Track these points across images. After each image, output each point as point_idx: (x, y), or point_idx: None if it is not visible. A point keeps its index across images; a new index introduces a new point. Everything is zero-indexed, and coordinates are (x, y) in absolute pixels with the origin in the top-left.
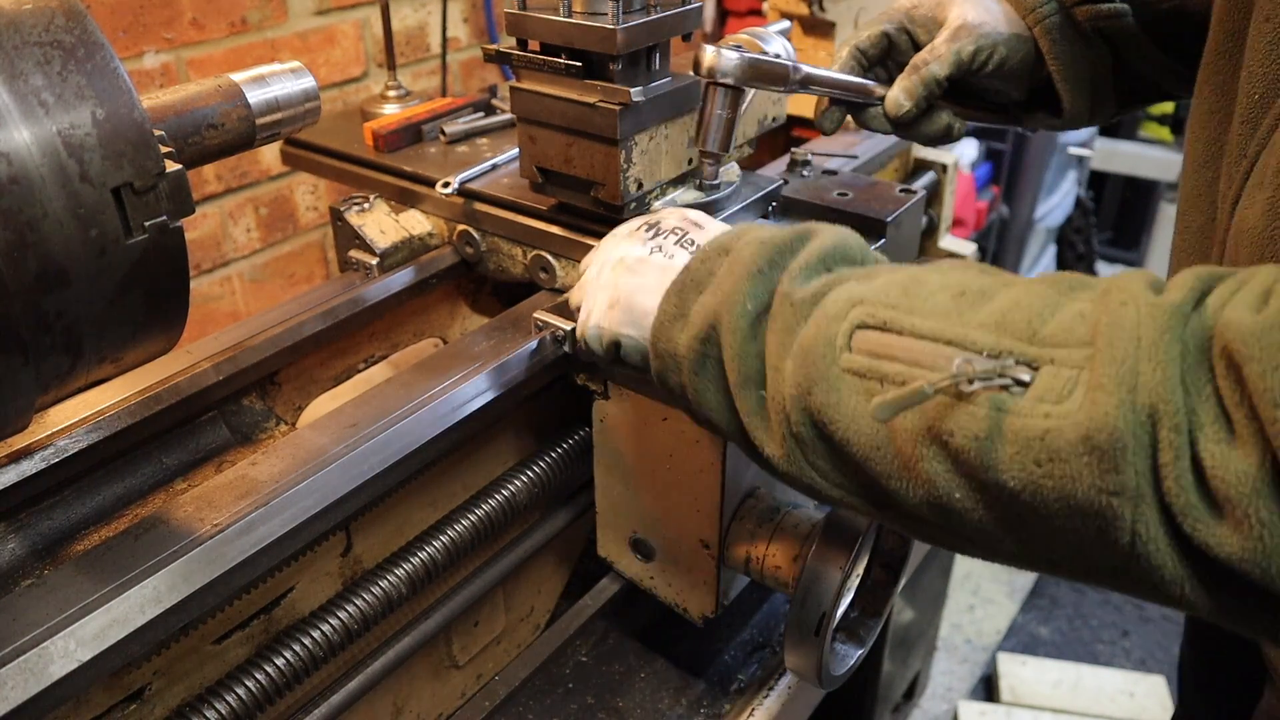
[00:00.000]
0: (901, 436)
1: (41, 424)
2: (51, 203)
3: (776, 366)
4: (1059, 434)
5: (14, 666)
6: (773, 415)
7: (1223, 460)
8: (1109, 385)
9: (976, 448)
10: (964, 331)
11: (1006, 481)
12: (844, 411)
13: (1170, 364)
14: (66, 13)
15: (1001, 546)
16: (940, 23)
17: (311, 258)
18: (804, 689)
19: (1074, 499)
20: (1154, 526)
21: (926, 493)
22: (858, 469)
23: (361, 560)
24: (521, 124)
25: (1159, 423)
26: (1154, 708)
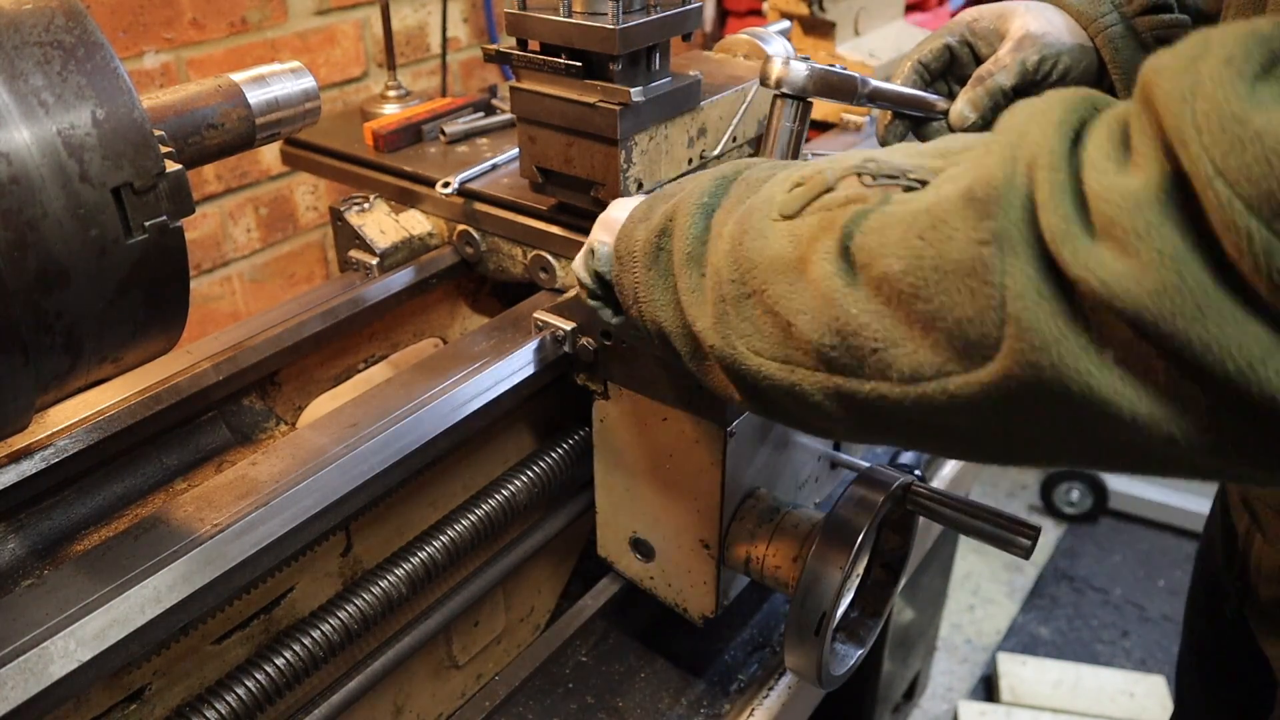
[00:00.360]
0: (806, 251)
1: (41, 424)
2: (51, 203)
3: (719, 234)
4: (943, 199)
5: (14, 666)
6: (709, 285)
7: (1108, 184)
8: (995, 149)
9: (868, 240)
10: (880, 155)
11: (893, 266)
12: (767, 254)
13: (1056, 125)
14: (66, 13)
15: (897, 362)
16: (1002, 35)
17: (311, 258)
18: (804, 689)
19: (950, 260)
20: (1024, 276)
21: (829, 317)
22: (774, 316)
23: (361, 560)
24: (521, 124)
25: (1036, 168)
26: (1154, 708)
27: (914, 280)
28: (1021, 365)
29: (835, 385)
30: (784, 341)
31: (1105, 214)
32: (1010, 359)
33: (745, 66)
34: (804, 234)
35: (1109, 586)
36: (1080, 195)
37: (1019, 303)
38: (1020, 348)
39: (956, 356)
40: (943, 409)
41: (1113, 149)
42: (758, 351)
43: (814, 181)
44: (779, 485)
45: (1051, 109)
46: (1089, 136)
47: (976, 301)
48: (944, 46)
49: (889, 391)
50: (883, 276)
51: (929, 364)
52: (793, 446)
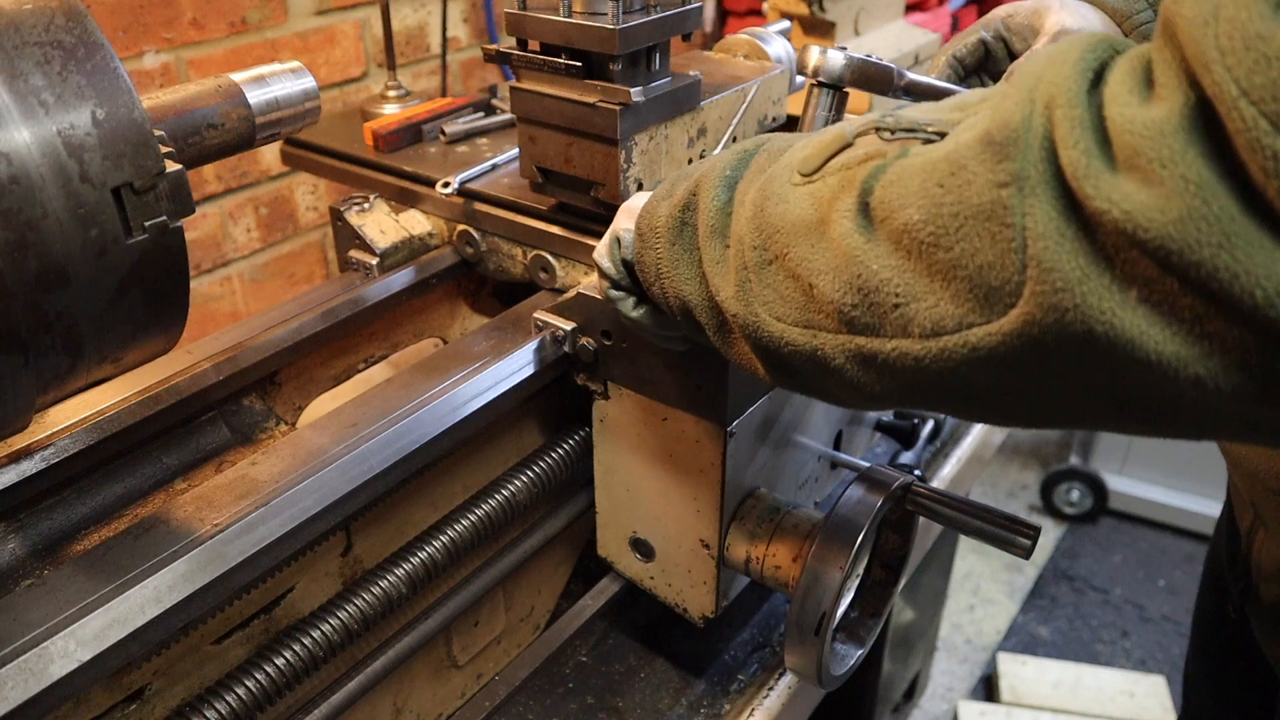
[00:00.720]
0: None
1: (41, 424)
2: (51, 203)
3: (741, 202)
4: (961, 146)
5: (14, 666)
6: (732, 256)
7: (1131, 116)
8: (1013, 94)
9: (888, 193)
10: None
11: (913, 216)
12: (789, 219)
13: (1074, 63)
14: (66, 13)
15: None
16: (1037, 30)
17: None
18: (804, 689)
19: (970, 205)
20: (1044, 216)
21: (850, 275)
22: (795, 279)
23: (361, 560)
24: (521, 124)
25: (1054, 107)
26: (1154, 708)
27: (934, 229)
28: (1044, 309)
29: (857, 347)
30: (806, 305)
31: (1128, 144)
32: (1032, 303)
33: (745, 66)
34: (824, 195)
35: (1109, 586)
36: (1102, 130)
37: (1040, 243)
38: (1042, 290)
39: (978, 306)
40: (965, 364)
41: (1135, 83)
42: (780, 318)
43: (832, 138)
44: (779, 485)
45: (1069, 51)
46: (1110, 74)
47: (997, 245)
48: (979, 41)
49: (910, 348)
50: (903, 228)
51: (950, 316)
52: (793, 446)
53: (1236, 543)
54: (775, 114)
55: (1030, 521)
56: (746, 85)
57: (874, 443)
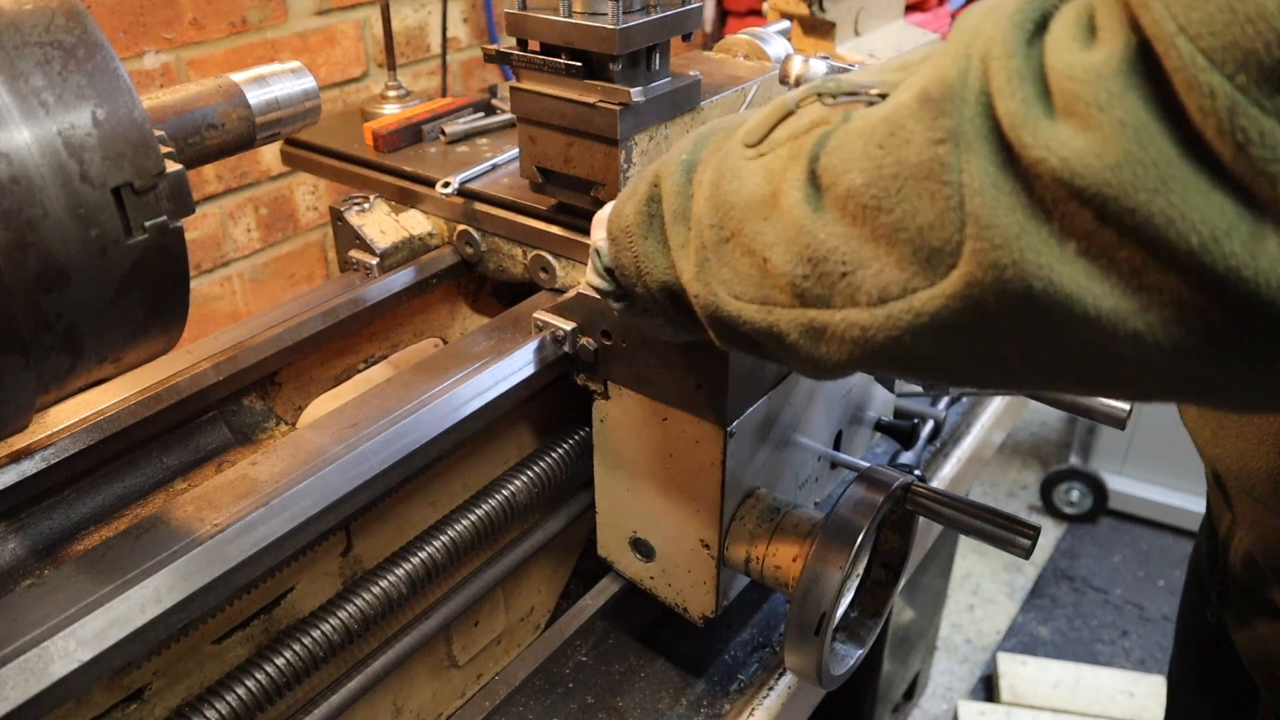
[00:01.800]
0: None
1: (41, 424)
2: (51, 203)
3: (700, 182)
4: (899, 106)
5: (14, 666)
6: (693, 236)
7: (1071, 61)
8: (949, 49)
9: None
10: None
11: (855, 180)
12: (742, 195)
13: (1009, 15)
14: (66, 13)
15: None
16: None
17: (311, 258)
18: (804, 689)
19: (909, 165)
20: (980, 170)
21: (799, 247)
22: (750, 255)
23: (361, 560)
24: (521, 124)
25: (990, 59)
26: (1154, 708)
27: (875, 192)
28: (983, 267)
29: (809, 320)
30: (761, 281)
31: (1067, 90)
32: (972, 262)
33: (745, 66)
34: (775, 167)
35: (1109, 586)
36: (1042, 79)
37: (977, 199)
38: (981, 248)
39: (921, 269)
40: (911, 329)
41: (1078, 31)
42: (737, 295)
43: (775, 106)
44: (779, 485)
45: (1006, 3)
46: (1053, 23)
47: (935, 204)
48: None
49: (859, 317)
50: (847, 193)
51: (895, 281)
52: (793, 446)
53: (1215, 545)
54: None
55: (1030, 521)
56: (746, 85)
57: (874, 443)
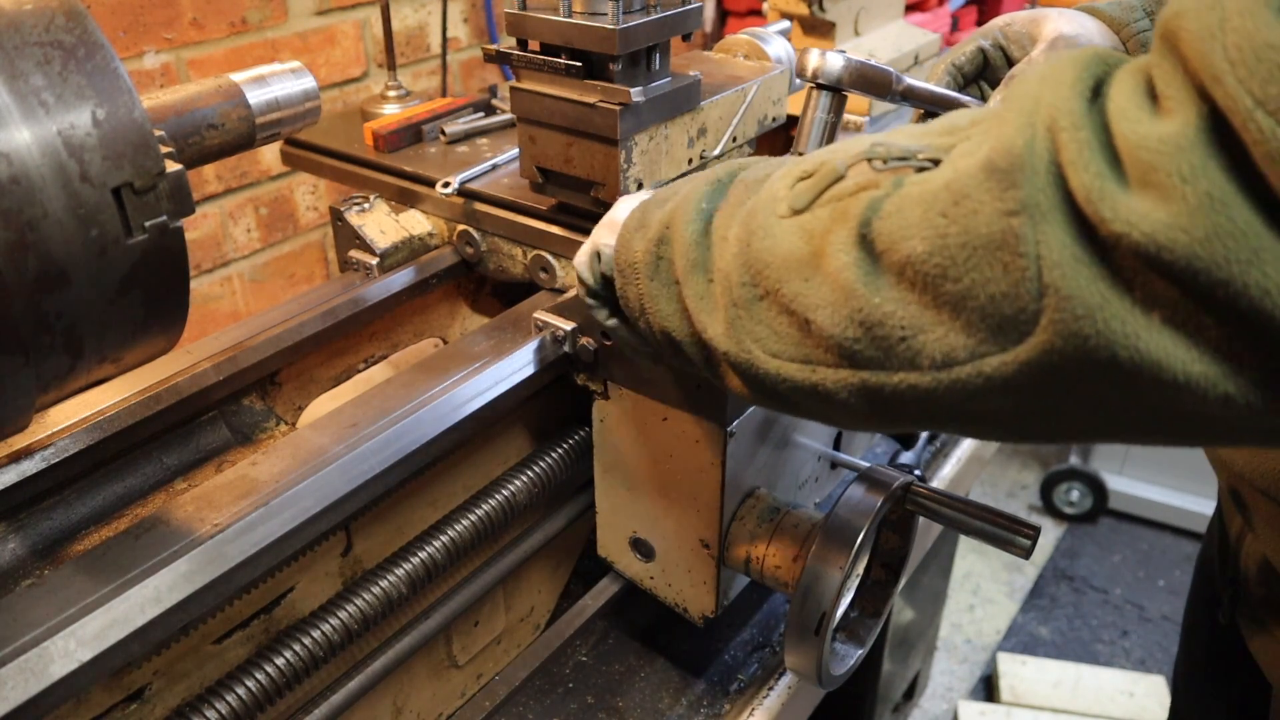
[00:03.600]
0: (820, 245)
1: (41, 424)
2: (51, 203)
3: (724, 238)
4: (962, 174)
5: (14, 666)
6: (718, 291)
7: (1143, 132)
8: (1011, 117)
9: (886, 224)
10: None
11: (916, 248)
12: (778, 253)
13: (1070, 84)
14: (67, 13)
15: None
16: (1035, 38)
17: (311, 258)
18: (804, 689)
19: (978, 235)
20: (1058, 242)
21: (850, 310)
22: (790, 315)
23: (361, 560)
24: (521, 124)
25: (1058, 129)
26: (1154, 708)
27: (940, 260)
28: (1064, 337)
29: (861, 380)
30: (802, 341)
31: (1143, 161)
32: (1051, 332)
33: (745, 66)
34: (816, 227)
35: (1109, 586)
36: (1110, 148)
37: (1056, 271)
38: (1061, 318)
39: (991, 336)
40: (979, 392)
41: (1140, 98)
42: (775, 354)
43: (822, 172)
44: (779, 485)
45: (1063, 70)
46: (1111, 89)
47: (1010, 275)
48: (977, 50)
49: (919, 380)
50: (905, 260)
51: (962, 347)
52: (793, 446)
53: (1225, 547)
54: (775, 114)
55: (1030, 521)
56: (746, 85)
57: (874, 443)
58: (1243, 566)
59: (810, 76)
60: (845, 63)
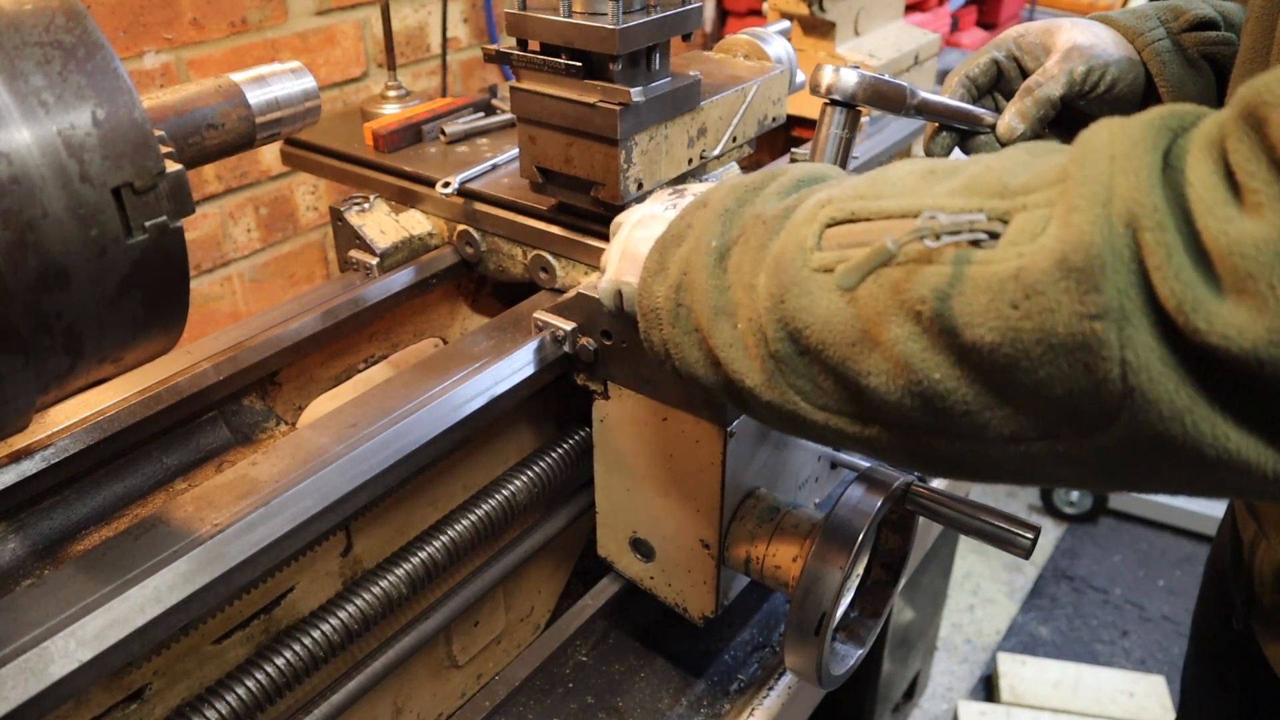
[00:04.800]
0: (872, 320)
1: (41, 424)
2: (51, 203)
3: (750, 285)
4: (1033, 266)
5: (14, 666)
6: (749, 339)
7: (1235, 234)
8: (1082, 205)
9: (947, 307)
10: (931, 201)
11: (984, 336)
12: (817, 314)
13: (1146, 169)
14: (66, 13)
15: (994, 424)
16: (1049, 49)
17: (311, 258)
18: (804, 689)
19: (1055, 335)
20: (1144, 348)
21: (907, 381)
22: (837, 375)
23: (361, 560)
24: (521, 124)
25: (1140, 228)
26: (1154, 708)
27: (1010, 352)
28: (1148, 434)
29: (920, 442)
30: (853, 399)
31: (1238, 268)
32: (1133, 428)
33: (745, 66)
34: (865, 298)
35: (1109, 586)
36: (1197, 249)
37: (1143, 375)
38: (1146, 419)
39: (1066, 422)
40: (1048, 461)
41: (1222, 188)
42: (823, 408)
43: (872, 252)
44: (779, 485)
45: (1134, 146)
46: (1189, 172)
47: (1092, 375)
48: (991, 61)
49: (984, 450)
50: (972, 346)
51: (1032, 427)
52: (793, 446)
53: (1239, 553)
54: (775, 114)
55: (1030, 521)
56: (746, 85)
57: None
58: (1257, 574)
59: (825, 92)
60: (859, 78)
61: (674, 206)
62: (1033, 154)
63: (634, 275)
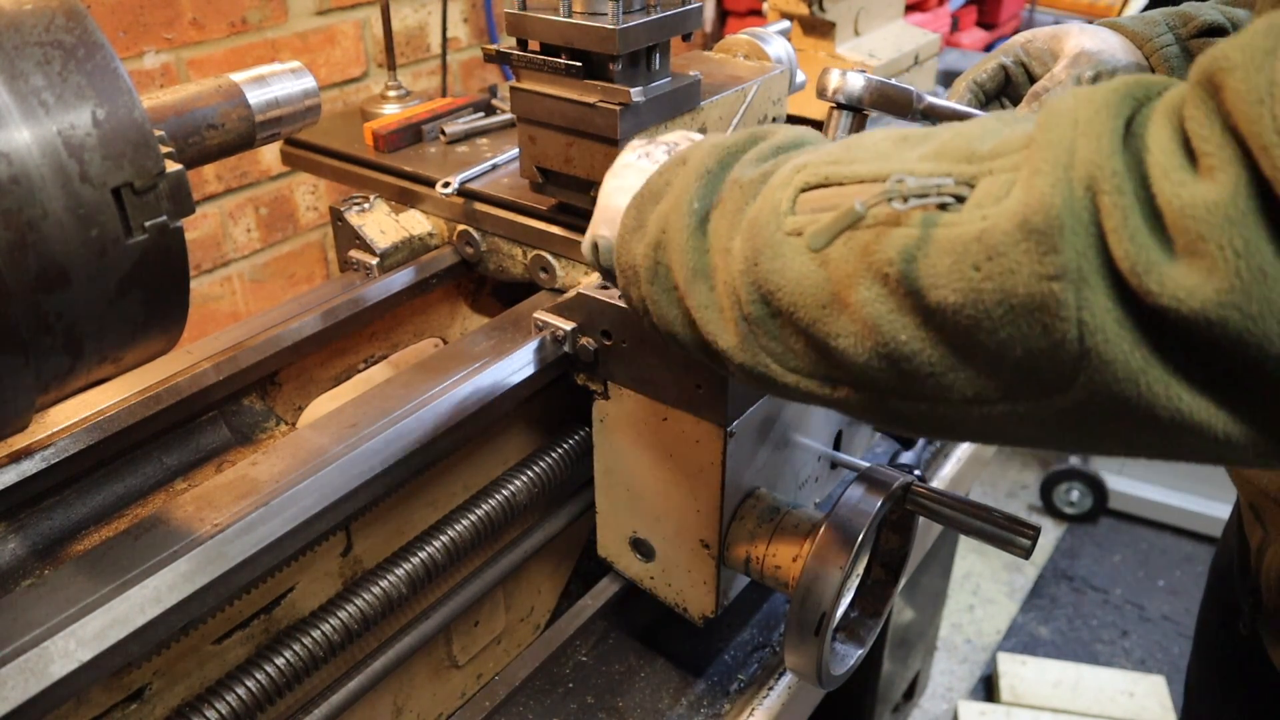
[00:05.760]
0: (842, 282)
1: (41, 424)
2: (51, 203)
3: (726, 249)
4: (995, 229)
5: (14, 666)
6: (725, 301)
7: (1188, 197)
8: (1044, 168)
9: (912, 269)
10: (901, 165)
11: (947, 298)
12: (789, 276)
13: (1108, 135)
14: (66, 13)
15: (957, 386)
16: (1056, 54)
17: (311, 258)
18: (804, 689)
19: (1015, 296)
20: (1101, 309)
21: (874, 343)
22: (808, 337)
23: (361, 560)
24: (521, 124)
25: (1098, 191)
26: (1154, 708)
27: (972, 313)
28: (1104, 394)
29: (885, 404)
30: (822, 361)
31: (1190, 230)
32: (1088, 389)
33: (745, 66)
34: (838, 267)
35: (1109, 586)
36: (1152, 211)
37: (1098, 335)
38: (1102, 379)
39: (1025, 383)
40: (1008, 423)
41: (1179, 152)
42: (793, 370)
43: (841, 214)
44: (779, 485)
45: (1097, 113)
46: (1148, 137)
47: (1050, 336)
48: (999, 66)
49: (947, 412)
50: (936, 308)
51: (993, 388)
52: (793, 446)
53: (1245, 557)
54: (775, 114)
55: (1030, 521)
56: (746, 85)
57: (874, 443)
58: (1264, 578)
59: (831, 96)
60: (865, 82)
61: (646, 156)
62: (1003, 121)
63: (609, 229)
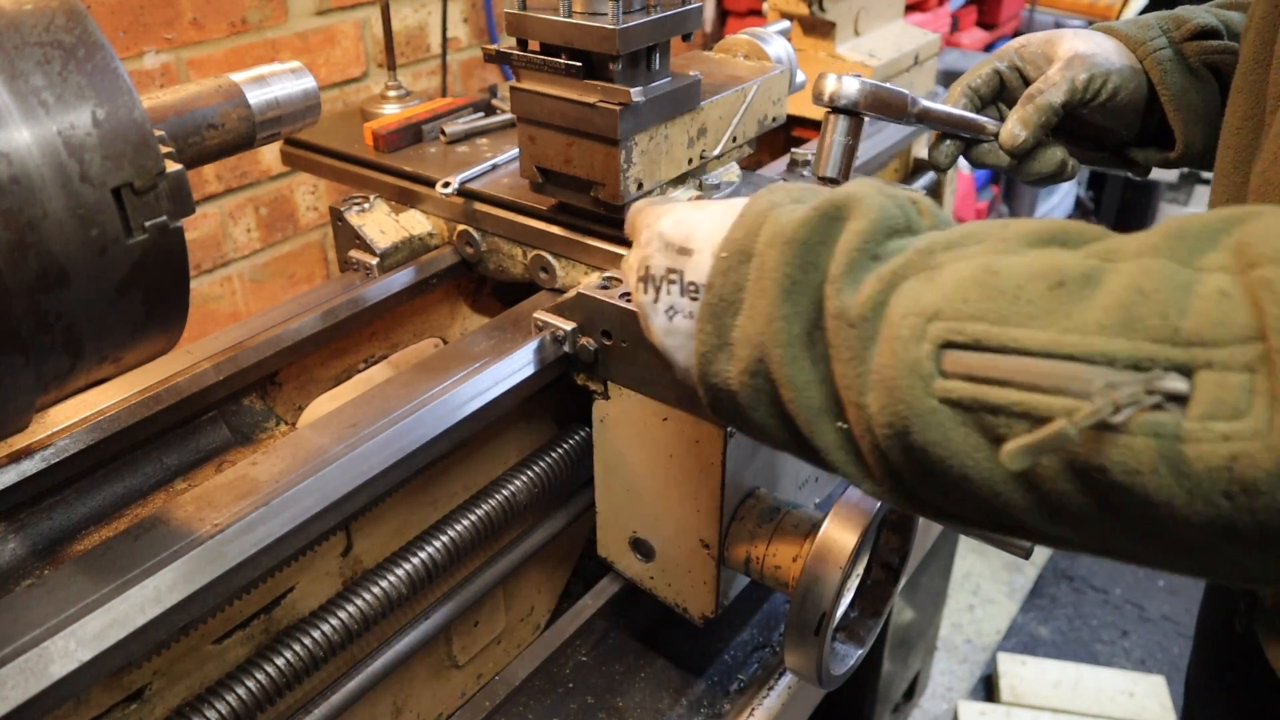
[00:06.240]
0: (1042, 490)
1: (41, 424)
2: (51, 203)
3: (858, 403)
4: (1250, 463)
5: (14, 666)
6: (865, 451)
7: None
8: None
9: (1140, 483)
10: (1084, 340)
11: (1187, 517)
12: (954, 448)
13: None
14: (67, 13)
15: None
16: (1051, 58)
17: (311, 258)
18: (804, 689)
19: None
20: None
21: (1072, 525)
22: (979, 500)
23: (361, 560)
24: (521, 124)
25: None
26: (1154, 708)
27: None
28: None
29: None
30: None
31: None
32: None
33: (745, 66)
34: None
35: (1109, 586)
36: None
37: None
38: None
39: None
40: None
41: None
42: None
43: (1048, 436)
44: (779, 485)
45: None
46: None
47: None
48: (993, 72)
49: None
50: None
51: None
52: None
53: None
54: (775, 114)
55: None
56: (746, 85)
57: None
58: None
59: (827, 101)
60: (861, 86)
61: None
62: (1178, 258)
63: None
